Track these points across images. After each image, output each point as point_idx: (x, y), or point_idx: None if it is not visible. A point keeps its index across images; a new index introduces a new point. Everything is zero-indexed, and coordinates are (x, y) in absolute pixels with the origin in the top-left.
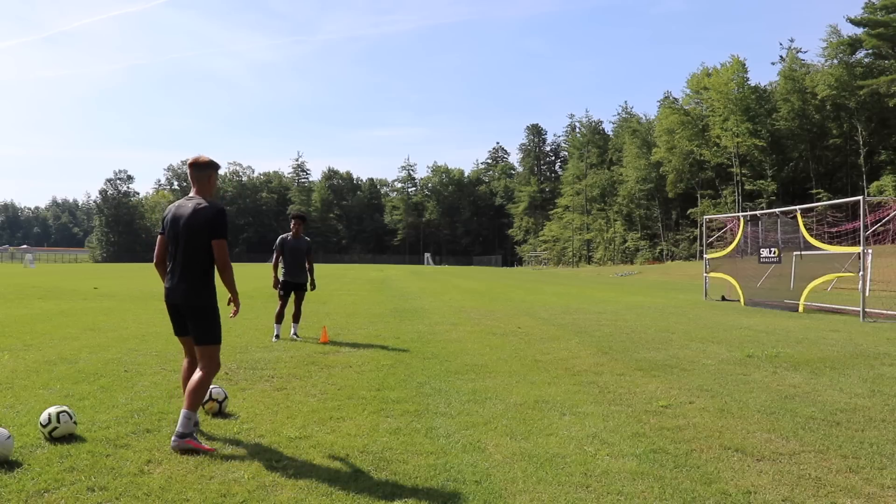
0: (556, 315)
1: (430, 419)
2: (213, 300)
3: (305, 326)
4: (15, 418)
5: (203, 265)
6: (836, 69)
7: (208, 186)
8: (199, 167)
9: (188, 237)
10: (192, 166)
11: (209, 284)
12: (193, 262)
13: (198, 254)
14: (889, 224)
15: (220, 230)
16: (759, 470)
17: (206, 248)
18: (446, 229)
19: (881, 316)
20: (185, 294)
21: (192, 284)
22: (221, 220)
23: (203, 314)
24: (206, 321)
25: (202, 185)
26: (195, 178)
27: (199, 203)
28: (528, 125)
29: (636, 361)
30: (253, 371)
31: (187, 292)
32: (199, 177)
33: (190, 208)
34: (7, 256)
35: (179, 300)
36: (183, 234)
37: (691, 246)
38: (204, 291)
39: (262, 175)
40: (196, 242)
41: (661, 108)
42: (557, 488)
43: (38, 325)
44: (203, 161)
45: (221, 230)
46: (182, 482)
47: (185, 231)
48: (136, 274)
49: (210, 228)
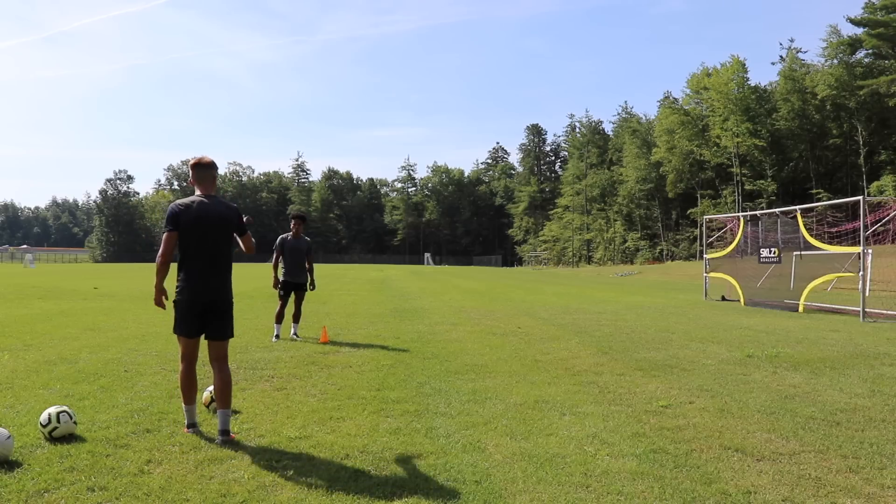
0: (556, 315)
1: (430, 419)
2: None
3: (305, 326)
4: (15, 418)
5: (230, 261)
6: (836, 69)
7: (213, 186)
8: (205, 167)
9: (224, 234)
10: (198, 167)
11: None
12: (227, 259)
13: (229, 251)
14: (889, 224)
15: (245, 226)
16: (759, 470)
17: (232, 244)
18: (446, 229)
19: (881, 316)
20: (221, 290)
21: (227, 281)
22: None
23: (231, 309)
24: (230, 317)
25: (210, 185)
26: (202, 177)
27: (226, 204)
28: (528, 125)
29: (636, 361)
30: (253, 371)
31: (224, 289)
32: (206, 176)
33: (222, 207)
34: (7, 256)
35: (217, 296)
36: (219, 232)
37: (691, 246)
38: (231, 287)
39: (262, 175)
40: (229, 239)
41: (661, 108)
42: (557, 488)
43: (38, 325)
44: (207, 161)
45: (245, 224)
46: (182, 482)
47: (223, 231)
48: (136, 274)
49: (240, 225)
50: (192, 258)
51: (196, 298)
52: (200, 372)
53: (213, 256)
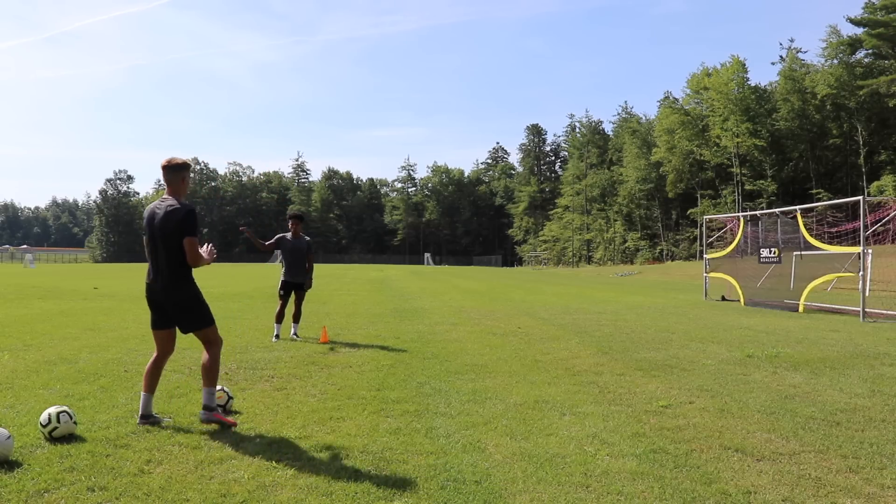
0: (556, 315)
1: (430, 419)
2: (193, 290)
3: (305, 326)
4: (15, 418)
5: (180, 260)
6: (836, 69)
7: (182, 187)
8: (172, 170)
9: (163, 238)
10: (166, 169)
11: (187, 277)
12: (171, 260)
13: (173, 252)
14: (889, 224)
15: (190, 229)
16: (759, 470)
17: (181, 246)
18: (446, 229)
19: (881, 316)
20: (165, 290)
21: (171, 281)
22: (191, 220)
23: (188, 305)
24: (193, 310)
25: (175, 187)
26: (168, 180)
27: (170, 205)
28: (528, 125)
29: (636, 361)
30: (253, 371)
31: (167, 289)
32: (172, 179)
33: (163, 210)
34: (7, 256)
35: (160, 297)
36: (158, 235)
37: (691, 246)
38: (184, 284)
39: (262, 175)
40: (170, 242)
41: (661, 108)
42: (557, 488)
43: (38, 325)
44: (176, 163)
45: (191, 229)
46: (182, 482)
47: (160, 232)
48: (136, 274)
49: (182, 228)
50: (150, 258)
51: (148, 295)
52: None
53: (156, 257)
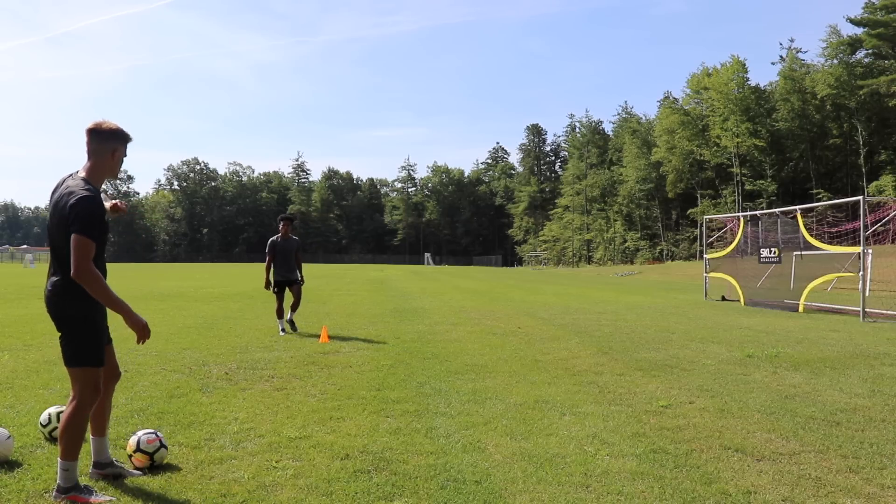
0: (557, 315)
1: (430, 419)
2: (80, 308)
3: (305, 326)
4: (15, 418)
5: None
6: (836, 69)
7: (107, 164)
8: (100, 136)
9: (49, 228)
10: (91, 133)
11: (74, 288)
12: (58, 261)
13: (58, 251)
14: (889, 224)
15: (77, 222)
16: (759, 470)
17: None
18: (446, 229)
19: (881, 316)
20: (49, 300)
21: (57, 289)
22: (83, 209)
23: (66, 326)
24: (68, 336)
25: (98, 161)
26: (92, 150)
27: (68, 186)
28: (528, 125)
29: (636, 361)
30: (253, 371)
31: (51, 298)
32: (97, 150)
33: (59, 192)
34: (7, 256)
35: (47, 307)
36: (52, 225)
37: (691, 246)
38: (69, 298)
39: (262, 175)
40: (56, 237)
41: (661, 108)
42: (557, 488)
43: (38, 325)
44: (107, 128)
45: (78, 223)
46: (182, 482)
47: (48, 221)
48: (136, 274)
49: (70, 220)
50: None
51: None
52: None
53: (51, 255)
